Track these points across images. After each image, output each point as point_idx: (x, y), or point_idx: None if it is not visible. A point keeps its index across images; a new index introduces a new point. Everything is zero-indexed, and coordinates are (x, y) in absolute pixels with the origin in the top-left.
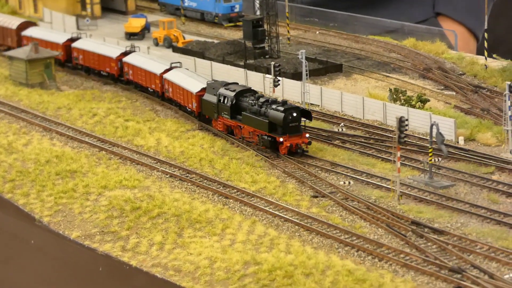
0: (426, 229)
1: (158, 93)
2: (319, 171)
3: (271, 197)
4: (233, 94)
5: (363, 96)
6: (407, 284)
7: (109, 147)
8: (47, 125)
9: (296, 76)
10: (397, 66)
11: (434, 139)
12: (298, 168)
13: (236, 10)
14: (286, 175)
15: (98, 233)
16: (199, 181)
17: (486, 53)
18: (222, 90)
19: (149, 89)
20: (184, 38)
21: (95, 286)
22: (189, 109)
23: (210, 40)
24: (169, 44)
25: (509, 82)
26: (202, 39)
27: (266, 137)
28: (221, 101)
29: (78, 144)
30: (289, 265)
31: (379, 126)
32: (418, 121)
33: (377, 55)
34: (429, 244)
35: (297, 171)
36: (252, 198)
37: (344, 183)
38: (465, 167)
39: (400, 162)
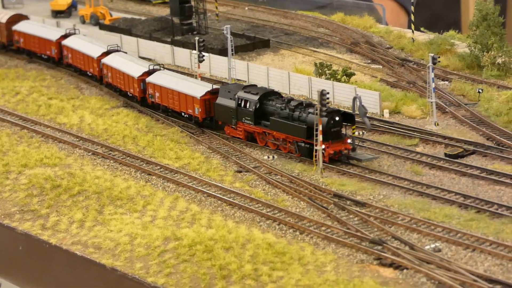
0: (348, 202)
1: (136, 98)
2: (243, 146)
3: (195, 173)
4: (256, 97)
5: (288, 71)
6: (327, 257)
7: (31, 126)
8: None
9: (224, 52)
10: (325, 41)
11: (357, 112)
12: (223, 143)
13: None
14: (210, 151)
15: (17, 212)
16: (122, 158)
17: (413, 27)
18: (242, 94)
19: (128, 93)
20: (111, 16)
21: (15, 265)
22: (186, 115)
23: (137, 17)
24: (96, 21)
25: (432, 54)
26: (130, 16)
27: (303, 144)
28: (241, 106)
29: None
30: (209, 239)
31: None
32: (344, 95)
33: (305, 30)
34: (351, 216)
35: (222, 147)
36: (176, 174)
37: (268, 157)
38: (390, 140)
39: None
